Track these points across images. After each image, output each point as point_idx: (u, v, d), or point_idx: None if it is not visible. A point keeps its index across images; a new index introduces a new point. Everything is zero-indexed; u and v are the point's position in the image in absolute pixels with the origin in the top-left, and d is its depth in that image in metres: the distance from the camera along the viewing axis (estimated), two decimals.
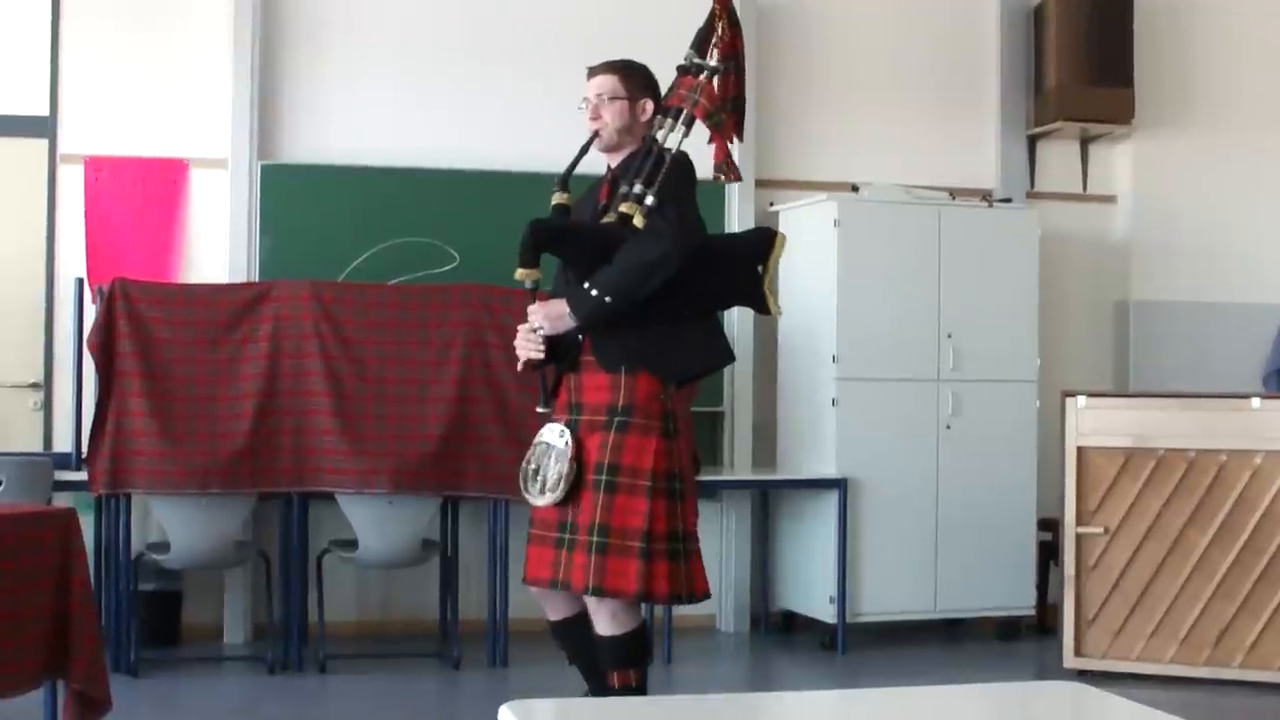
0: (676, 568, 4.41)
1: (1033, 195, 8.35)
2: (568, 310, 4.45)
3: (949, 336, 7.53)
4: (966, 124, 8.38)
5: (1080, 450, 6.68)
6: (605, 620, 4.45)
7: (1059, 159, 8.51)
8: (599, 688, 4.59)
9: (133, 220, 7.35)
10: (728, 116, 4.76)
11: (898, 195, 7.63)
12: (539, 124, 7.46)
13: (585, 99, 4.66)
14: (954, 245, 7.58)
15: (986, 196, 8.06)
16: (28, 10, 7.42)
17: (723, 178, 4.68)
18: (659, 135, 4.55)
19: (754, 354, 7.85)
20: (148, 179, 7.39)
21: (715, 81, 4.65)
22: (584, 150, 4.63)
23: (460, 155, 7.61)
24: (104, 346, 6.48)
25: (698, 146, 4.65)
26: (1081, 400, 6.72)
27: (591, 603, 4.46)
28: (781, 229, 7.62)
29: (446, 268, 7.42)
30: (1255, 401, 6.57)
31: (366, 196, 7.47)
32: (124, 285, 6.56)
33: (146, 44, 7.47)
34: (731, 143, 4.79)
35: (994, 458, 7.57)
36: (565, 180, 4.63)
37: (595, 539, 4.35)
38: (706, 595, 4.53)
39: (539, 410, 4.60)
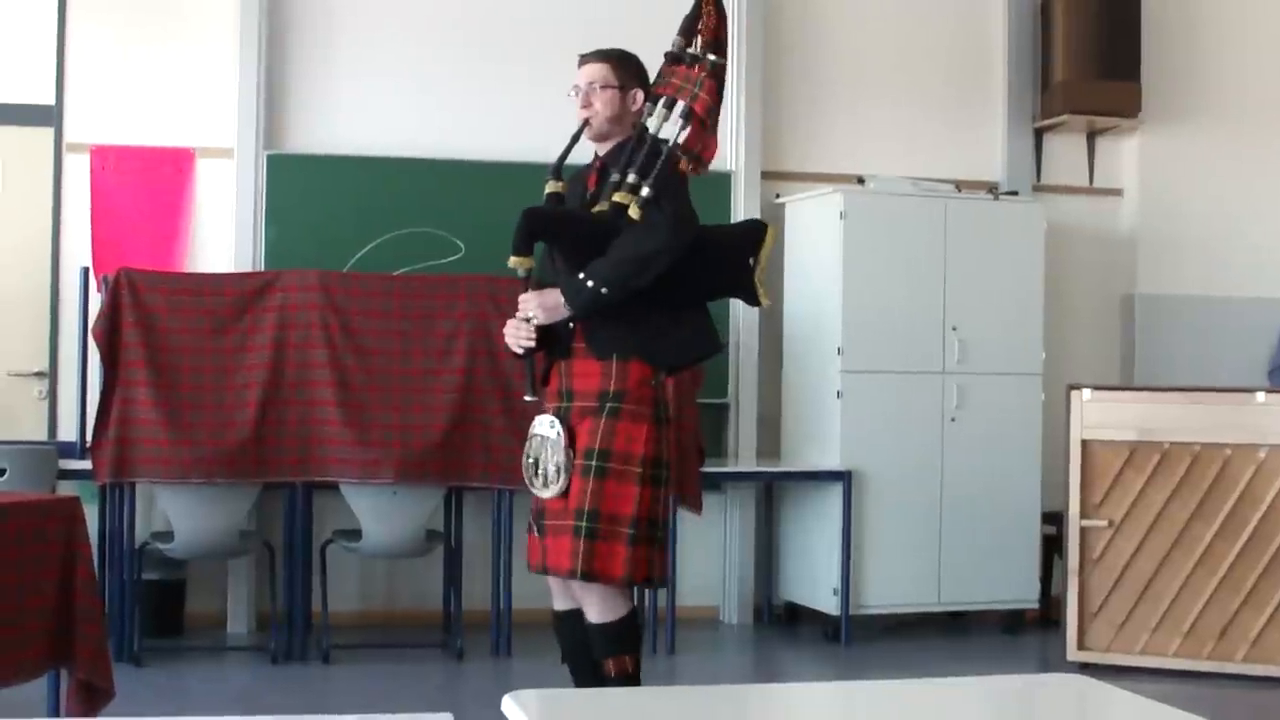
0: (654, 553, 4.45)
1: (1039, 188, 8.34)
2: (563, 300, 4.45)
3: (954, 329, 7.52)
4: (973, 117, 8.37)
5: (1085, 443, 6.68)
6: (595, 607, 4.46)
7: (1065, 152, 8.49)
8: (590, 685, 4.58)
9: (138, 209, 7.35)
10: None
11: (904, 188, 7.62)
12: (545, 115, 7.34)
13: (575, 86, 4.66)
14: (960, 238, 7.57)
15: (993, 189, 8.05)
16: None
17: (691, 168, 4.59)
18: (650, 124, 4.55)
19: (759, 346, 7.85)
20: (154, 168, 7.39)
21: (716, 77, 4.61)
22: (575, 139, 4.63)
23: (466, 146, 7.62)
24: (109, 335, 6.48)
25: None
26: (1086, 393, 6.71)
27: (580, 589, 4.47)
28: (787, 221, 7.71)
29: (452, 258, 7.42)
30: (1260, 396, 6.56)
31: (372, 187, 7.47)
32: (129, 274, 6.56)
33: (153, 33, 7.47)
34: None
35: (999, 451, 7.57)
36: (558, 168, 4.63)
37: (585, 524, 4.36)
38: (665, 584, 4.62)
39: (526, 399, 4.61)
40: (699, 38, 4.65)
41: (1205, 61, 8.52)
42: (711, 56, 4.60)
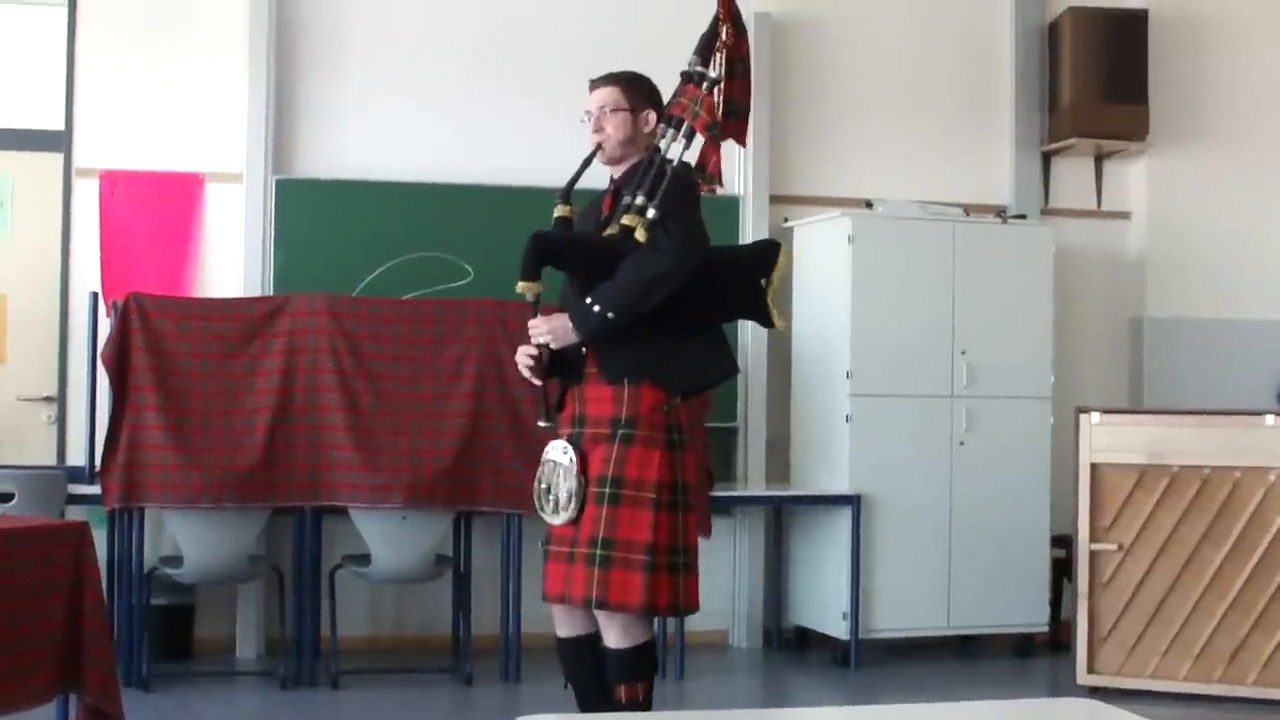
0: (675, 580, 4.39)
1: (1047, 212, 8.34)
2: (571, 325, 4.45)
3: (963, 353, 7.52)
4: (981, 140, 8.38)
5: (1094, 467, 6.67)
6: (617, 633, 4.44)
7: (1073, 175, 8.50)
8: (593, 710, 4.57)
9: (148, 234, 7.37)
10: (728, 124, 4.75)
11: (912, 211, 7.63)
12: (554, 139, 7.39)
13: (587, 111, 4.65)
14: (968, 261, 7.57)
15: (1001, 213, 8.06)
16: (44, 24, 7.45)
17: (702, 185, 4.60)
18: (661, 145, 4.54)
19: (768, 369, 7.85)
20: (163, 193, 7.40)
21: (715, 93, 4.61)
22: (586, 163, 4.61)
23: (475, 170, 7.63)
24: (118, 360, 6.49)
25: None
26: (1095, 417, 6.71)
27: (602, 616, 4.45)
28: (796, 245, 7.71)
29: (461, 282, 7.43)
30: (1269, 418, 6.55)
31: (381, 211, 7.48)
32: (138, 299, 6.57)
33: (162, 58, 7.49)
34: (742, 145, 4.78)
35: (1008, 474, 7.56)
36: (567, 193, 4.61)
37: (599, 552, 4.33)
38: (696, 609, 4.53)
39: (539, 424, 4.59)
40: (719, 55, 4.65)
41: (1213, 84, 8.53)
42: (712, 74, 4.61)
